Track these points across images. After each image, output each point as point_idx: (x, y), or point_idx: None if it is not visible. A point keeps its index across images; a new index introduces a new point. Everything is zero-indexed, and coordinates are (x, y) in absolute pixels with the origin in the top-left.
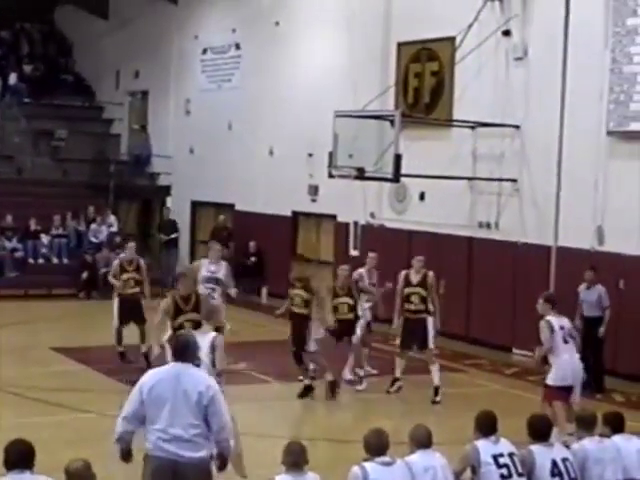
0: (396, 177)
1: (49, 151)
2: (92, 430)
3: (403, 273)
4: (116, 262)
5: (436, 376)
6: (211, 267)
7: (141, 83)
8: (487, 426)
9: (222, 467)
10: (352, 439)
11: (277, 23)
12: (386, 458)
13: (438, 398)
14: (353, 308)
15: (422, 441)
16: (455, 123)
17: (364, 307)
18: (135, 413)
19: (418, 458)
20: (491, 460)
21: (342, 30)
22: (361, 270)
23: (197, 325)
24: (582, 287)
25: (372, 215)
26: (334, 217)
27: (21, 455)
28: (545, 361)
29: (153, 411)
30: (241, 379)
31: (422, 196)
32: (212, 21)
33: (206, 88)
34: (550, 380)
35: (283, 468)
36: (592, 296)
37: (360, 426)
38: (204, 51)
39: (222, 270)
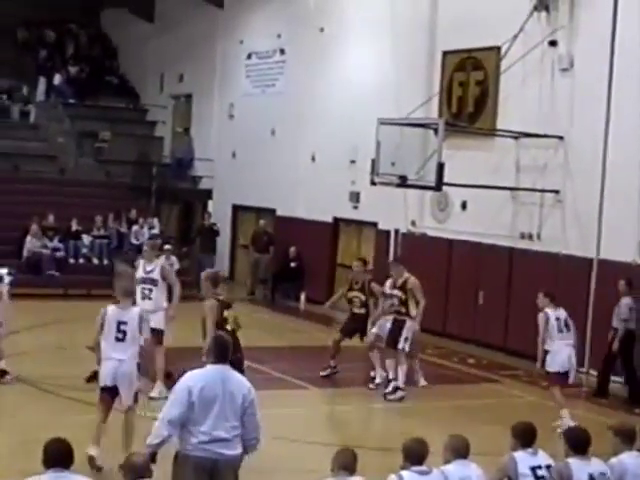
0: (438, 186)
1: (92, 152)
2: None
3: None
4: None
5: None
6: (147, 267)
7: (185, 86)
8: (526, 437)
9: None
10: (387, 447)
11: (322, 29)
12: (423, 467)
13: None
14: (365, 304)
15: (459, 451)
16: (498, 133)
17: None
18: (181, 416)
19: (454, 468)
20: (529, 472)
21: (387, 37)
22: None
23: None
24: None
25: (413, 223)
26: (375, 224)
27: (60, 454)
28: (544, 361)
29: (200, 413)
30: (277, 384)
31: (464, 205)
32: (257, 26)
33: (250, 93)
34: (549, 367)
35: (322, 475)
36: (619, 308)
37: (396, 434)
38: (249, 56)
39: (157, 270)
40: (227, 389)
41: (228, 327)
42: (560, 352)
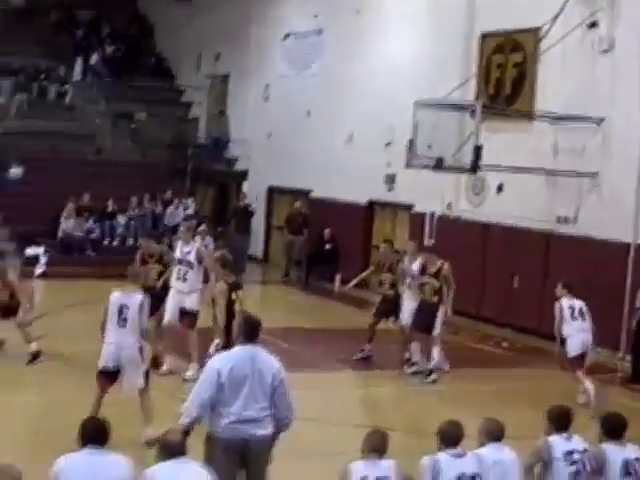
0: (474, 169)
1: (128, 133)
2: (163, 407)
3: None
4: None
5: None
6: (184, 249)
7: (222, 67)
8: (561, 421)
9: (274, 440)
10: (422, 429)
11: (358, 11)
12: (458, 450)
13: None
14: (393, 285)
15: (494, 434)
16: (536, 115)
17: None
18: (211, 398)
19: (488, 451)
20: (563, 456)
21: (424, 19)
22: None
23: None
24: None
25: (449, 206)
26: (410, 207)
27: (96, 432)
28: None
29: (230, 394)
30: (311, 366)
31: (500, 188)
32: (294, 7)
33: (286, 74)
34: (569, 353)
35: (353, 457)
36: None
37: (430, 417)
38: (285, 37)
39: (193, 252)
40: (256, 368)
41: (236, 308)
42: (575, 336)
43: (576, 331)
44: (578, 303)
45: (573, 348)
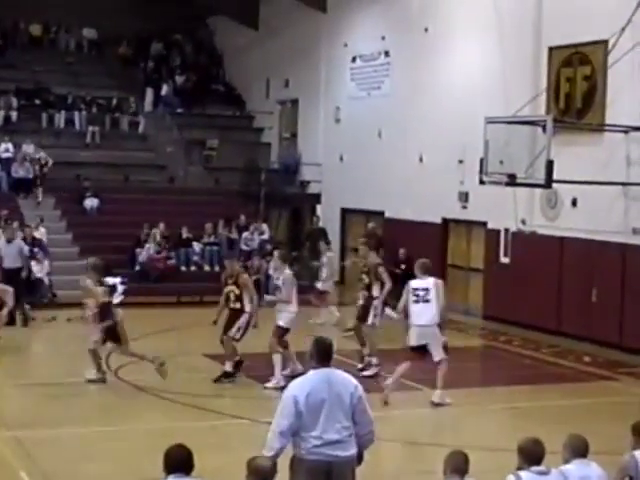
0: (548, 183)
1: (201, 160)
2: (244, 436)
3: None
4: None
5: None
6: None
7: (291, 92)
8: None
9: (360, 459)
10: (501, 447)
11: (426, 29)
12: (541, 467)
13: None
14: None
15: (579, 450)
16: (608, 128)
17: None
18: (291, 426)
19: (574, 468)
20: None
21: (492, 35)
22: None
23: None
24: None
25: (523, 222)
26: (484, 224)
27: (181, 460)
28: None
29: (310, 419)
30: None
31: (574, 202)
32: (361, 29)
33: (356, 96)
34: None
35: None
36: None
37: (510, 434)
38: (353, 59)
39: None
40: (333, 391)
41: None
42: None
43: None
44: None
45: None
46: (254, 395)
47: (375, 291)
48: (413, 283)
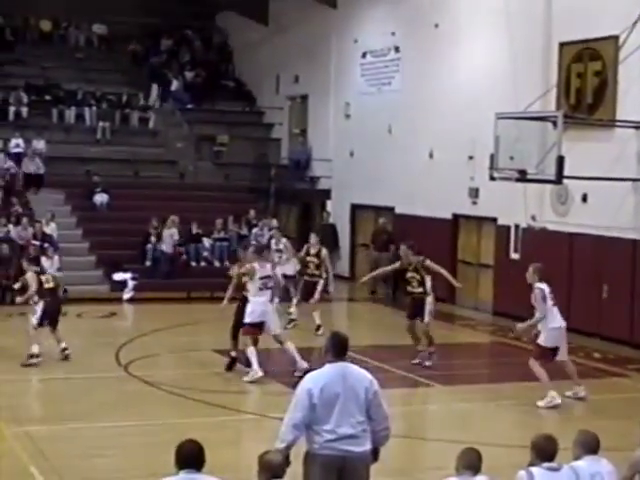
0: (558, 179)
1: (211, 156)
2: (254, 431)
3: None
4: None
5: None
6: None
7: (301, 87)
8: None
9: (376, 456)
10: (512, 444)
11: (437, 25)
12: (553, 464)
13: None
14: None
15: (589, 446)
16: (619, 123)
17: None
18: (304, 419)
19: (585, 464)
20: None
21: (502, 31)
22: None
23: None
24: None
25: (533, 218)
26: (495, 220)
27: (192, 455)
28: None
29: (323, 412)
30: (401, 382)
31: (585, 198)
32: (371, 25)
33: (366, 91)
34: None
35: (448, 472)
36: None
37: (519, 430)
38: (363, 55)
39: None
40: (348, 385)
41: None
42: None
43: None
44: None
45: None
46: (264, 391)
47: (428, 287)
48: (545, 287)
